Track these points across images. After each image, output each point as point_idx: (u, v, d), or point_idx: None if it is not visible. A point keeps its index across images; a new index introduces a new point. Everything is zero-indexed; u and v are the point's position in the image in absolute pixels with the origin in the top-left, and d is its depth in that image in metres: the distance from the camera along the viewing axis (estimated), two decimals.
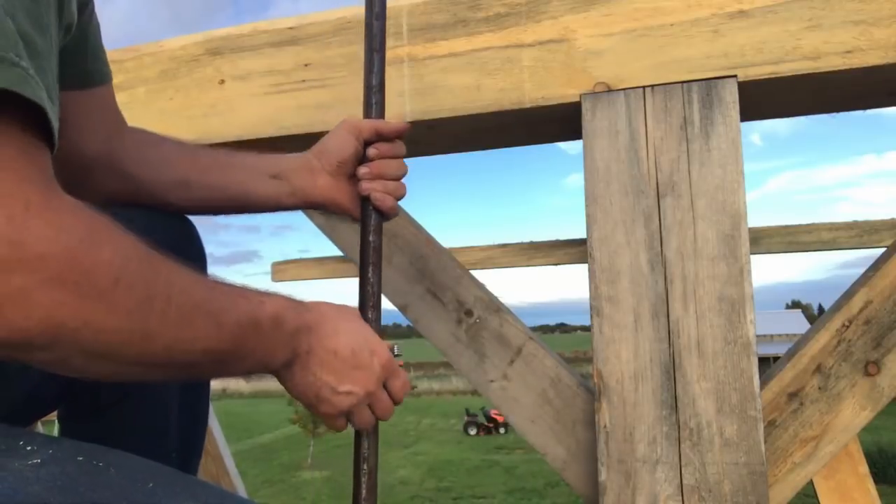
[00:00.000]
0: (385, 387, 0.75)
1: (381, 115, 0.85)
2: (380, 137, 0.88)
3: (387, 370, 0.74)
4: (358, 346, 0.72)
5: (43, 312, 0.45)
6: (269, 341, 0.65)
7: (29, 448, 0.49)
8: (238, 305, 0.61)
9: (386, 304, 0.94)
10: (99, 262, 0.47)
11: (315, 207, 0.94)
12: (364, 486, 0.76)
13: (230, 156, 0.93)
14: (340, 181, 0.91)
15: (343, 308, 0.75)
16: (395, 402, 0.77)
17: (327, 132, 1.13)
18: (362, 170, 0.86)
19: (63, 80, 0.80)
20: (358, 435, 0.77)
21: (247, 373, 0.67)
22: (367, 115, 0.84)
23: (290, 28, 1.16)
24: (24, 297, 0.44)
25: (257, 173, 0.92)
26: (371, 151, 0.86)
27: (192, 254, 0.93)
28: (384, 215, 0.85)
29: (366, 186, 0.85)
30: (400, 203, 0.88)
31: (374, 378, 0.73)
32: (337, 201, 0.91)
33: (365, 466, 0.77)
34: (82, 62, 0.83)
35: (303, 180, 0.91)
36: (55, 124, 0.47)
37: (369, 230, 0.83)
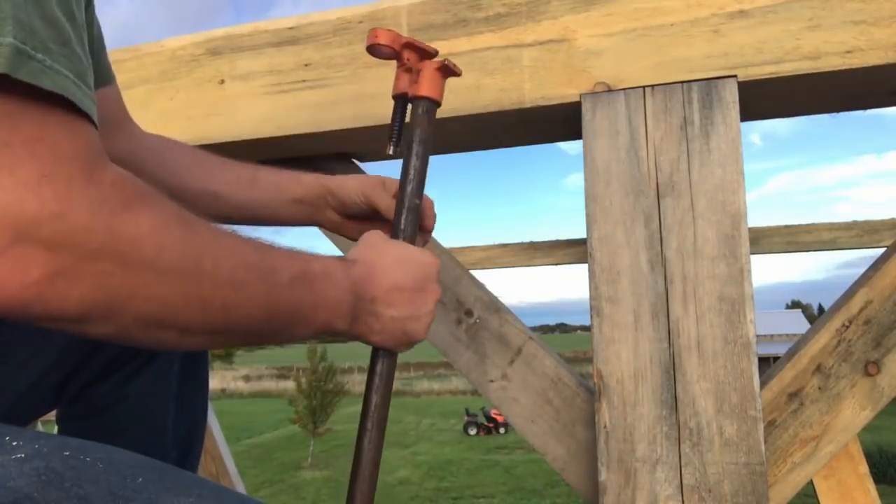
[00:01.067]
0: None
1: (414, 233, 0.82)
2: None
3: (438, 269, 0.77)
4: (412, 269, 0.74)
5: (93, 283, 0.46)
6: (327, 296, 0.65)
7: (15, 443, 0.48)
8: (289, 264, 0.62)
9: None
10: (142, 231, 0.48)
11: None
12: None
13: (255, 172, 0.94)
14: (348, 220, 0.95)
15: (376, 244, 0.76)
16: None
17: (327, 132, 1.13)
18: (427, 221, 0.88)
19: None
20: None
21: (318, 334, 0.67)
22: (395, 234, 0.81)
23: (291, 28, 1.16)
24: (72, 272, 0.45)
25: (282, 197, 0.94)
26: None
27: None
28: None
29: None
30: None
31: (437, 284, 0.76)
32: (344, 233, 0.96)
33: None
34: (96, 60, 0.83)
35: (318, 211, 0.95)
36: (87, 104, 0.48)
37: None
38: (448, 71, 0.84)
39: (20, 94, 0.43)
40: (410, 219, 0.80)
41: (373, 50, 0.82)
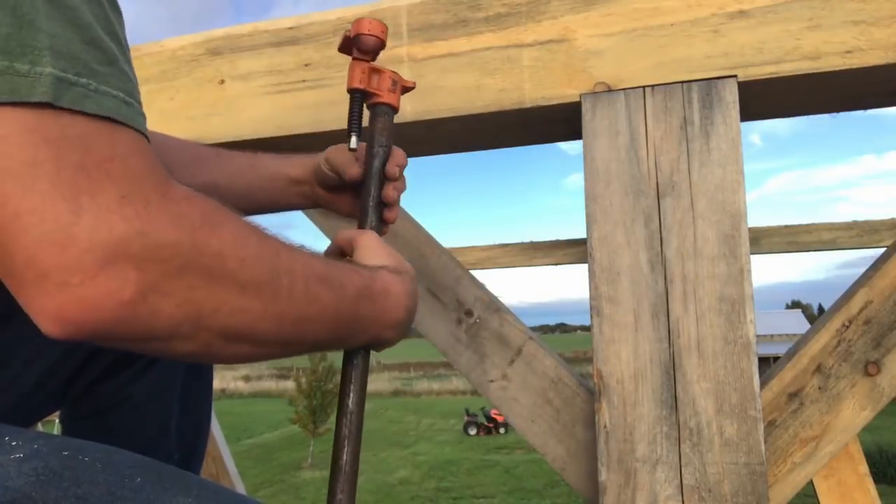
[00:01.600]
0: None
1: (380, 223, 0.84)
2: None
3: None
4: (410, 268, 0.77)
5: (181, 298, 0.46)
6: (385, 315, 0.67)
7: (14, 443, 0.48)
8: (354, 279, 0.63)
9: None
10: (223, 244, 0.49)
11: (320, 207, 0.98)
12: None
13: (252, 159, 0.95)
14: (339, 192, 0.94)
15: (378, 243, 0.76)
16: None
17: (327, 132, 1.13)
18: (388, 214, 0.86)
19: None
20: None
21: (371, 343, 0.69)
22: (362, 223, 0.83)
23: (290, 28, 1.16)
24: (162, 287, 0.45)
25: (280, 179, 0.94)
26: (393, 195, 0.86)
27: None
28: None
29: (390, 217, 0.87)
30: (400, 203, 0.90)
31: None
32: (337, 207, 0.95)
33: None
34: None
35: (314, 189, 0.95)
36: (139, 121, 0.49)
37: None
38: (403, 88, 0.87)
39: (83, 117, 0.44)
40: (375, 215, 0.83)
41: (360, 41, 0.82)
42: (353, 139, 0.83)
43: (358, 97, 0.84)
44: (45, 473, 0.46)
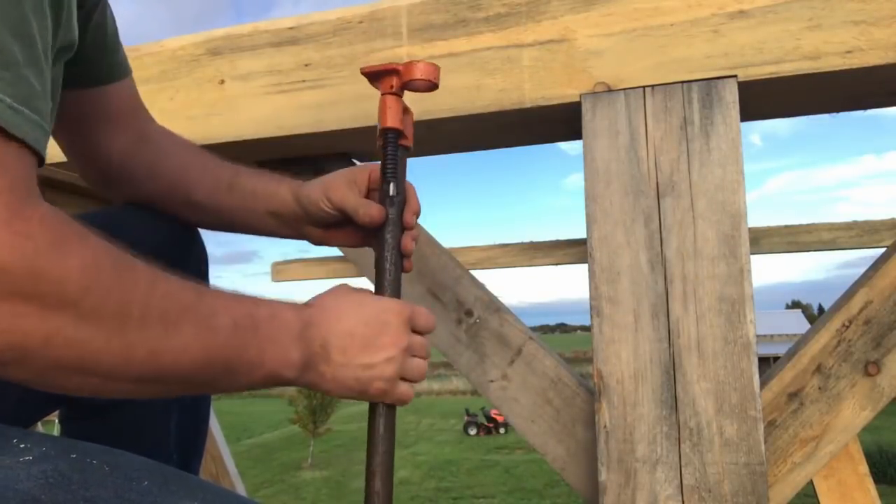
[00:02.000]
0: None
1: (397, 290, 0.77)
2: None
3: (407, 318, 0.72)
4: (369, 315, 0.69)
5: (4, 326, 0.44)
6: (275, 344, 0.62)
7: (22, 445, 0.49)
8: (231, 308, 0.59)
9: None
10: (66, 272, 0.46)
11: None
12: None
13: (234, 177, 0.89)
14: (334, 229, 0.88)
15: (338, 290, 0.72)
16: (425, 334, 0.75)
17: (327, 132, 1.13)
18: (407, 263, 0.82)
19: (79, 78, 0.81)
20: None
21: (265, 384, 0.63)
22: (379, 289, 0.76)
23: (290, 28, 1.16)
24: None
25: (257, 207, 0.89)
26: (411, 246, 0.81)
27: (193, 254, 0.93)
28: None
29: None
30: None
31: (400, 332, 0.70)
32: (328, 243, 0.90)
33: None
34: (99, 59, 0.83)
35: (296, 225, 0.89)
36: (26, 129, 0.46)
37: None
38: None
39: None
40: (396, 270, 0.77)
41: (413, 85, 0.77)
42: (393, 186, 0.77)
43: (393, 137, 0.78)
44: (53, 476, 0.46)
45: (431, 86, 0.77)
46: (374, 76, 0.78)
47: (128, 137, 0.89)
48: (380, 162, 0.80)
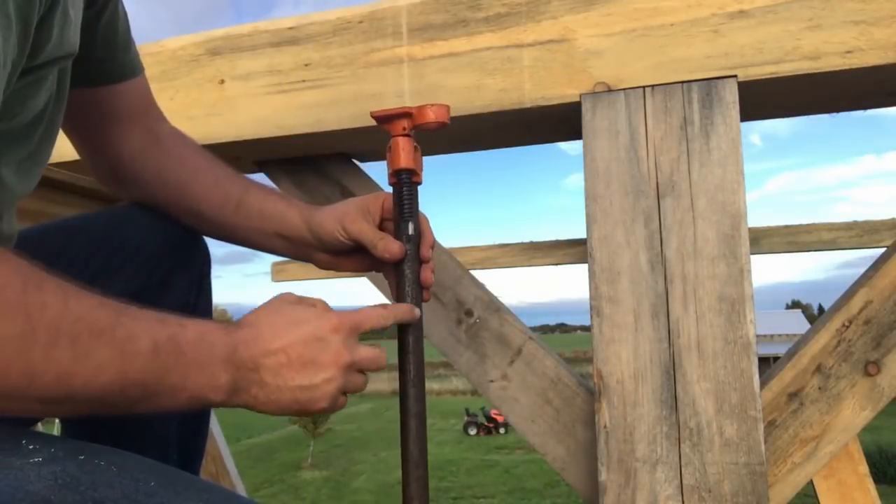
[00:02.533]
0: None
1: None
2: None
3: (349, 330, 0.69)
4: (306, 333, 0.66)
5: None
6: (200, 367, 0.59)
7: (31, 447, 0.49)
8: (153, 330, 0.57)
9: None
10: None
11: None
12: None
13: (243, 195, 0.89)
14: (343, 256, 0.89)
15: (275, 303, 0.70)
16: (370, 366, 0.71)
17: (327, 132, 1.13)
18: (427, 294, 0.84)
19: (90, 76, 0.81)
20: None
21: (189, 406, 0.61)
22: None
23: (290, 28, 1.16)
24: None
25: (264, 228, 0.89)
26: (431, 278, 0.83)
27: (196, 255, 0.93)
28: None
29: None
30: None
31: (341, 350, 0.67)
32: (341, 270, 0.90)
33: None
34: (110, 58, 0.83)
35: (303, 250, 0.89)
36: None
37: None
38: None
39: None
40: (417, 303, 0.80)
41: (425, 127, 0.81)
42: (412, 226, 0.80)
43: (407, 177, 0.81)
44: (63, 478, 0.47)
45: (443, 126, 0.81)
46: (386, 120, 0.82)
47: (139, 137, 0.89)
48: (392, 194, 0.83)
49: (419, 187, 0.83)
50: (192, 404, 0.61)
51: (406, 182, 0.81)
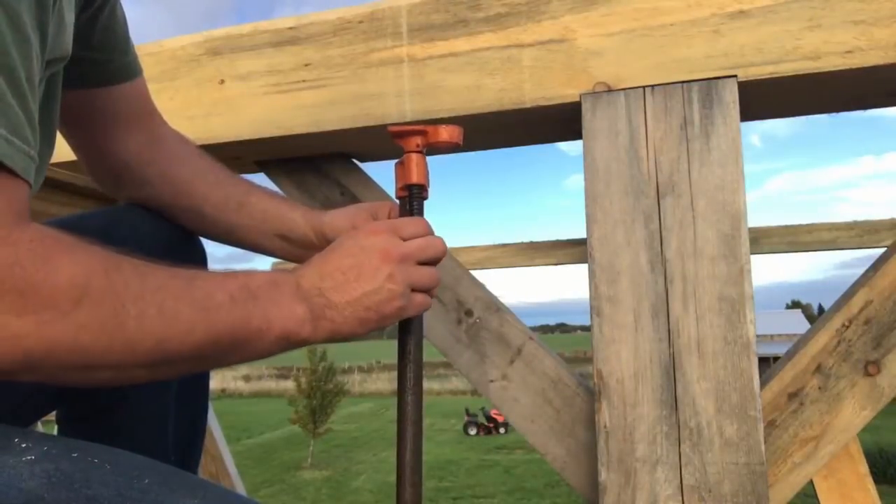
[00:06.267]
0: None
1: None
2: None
3: (388, 232, 0.73)
4: (348, 247, 0.71)
5: (7, 346, 0.46)
6: (276, 306, 0.63)
7: (24, 445, 0.49)
8: (224, 285, 0.61)
9: None
10: (57, 286, 0.48)
11: None
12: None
13: (245, 196, 0.91)
14: None
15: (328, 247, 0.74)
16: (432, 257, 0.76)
17: (327, 132, 1.13)
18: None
19: (87, 78, 0.81)
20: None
21: (282, 346, 0.65)
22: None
23: (290, 28, 1.16)
24: None
25: (266, 228, 0.91)
26: (435, 292, 0.84)
27: (194, 255, 0.93)
28: None
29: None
30: None
31: (388, 248, 0.71)
32: None
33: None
34: (107, 60, 0.83)
35: (307, 250, 0.90)
36: (17, 159, 0.48)
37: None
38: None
39: None
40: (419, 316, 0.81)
41: (438, 147, 0.84)
42: None
43: (418, 192, 0.84)
44: (56, 475, 0.47)
45: (455, 147, 0.85)
46: (401, 135, 0.85)
47: (140, 139, 0.89)
48: (399, 205, 0.86)
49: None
50: (285, 343, 0.65)
51: (416, 196, 0.84)
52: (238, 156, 1.25)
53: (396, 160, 0.87)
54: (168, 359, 0.56)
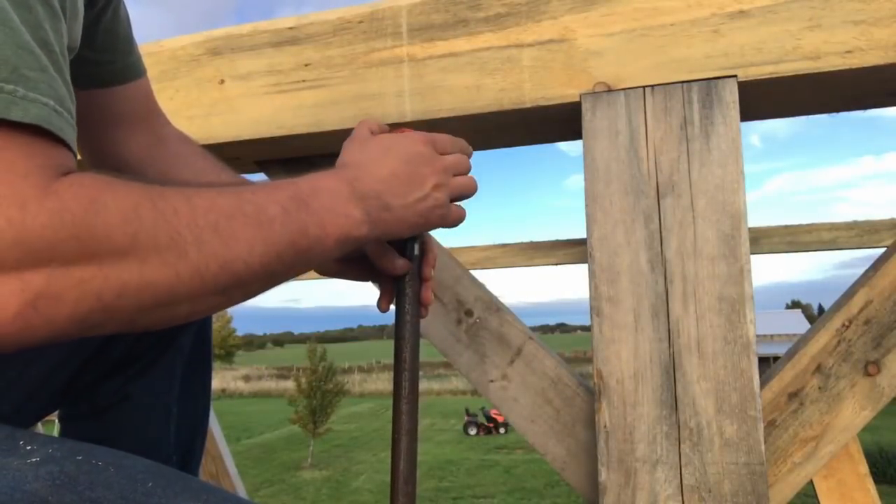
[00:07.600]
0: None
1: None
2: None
3: (430, 144, 0.75)
4: (401, 153, 0.72)
5: (76, 296, 0.45)
6: (331, 211, 0.63)
7: (28, 447, 0.49)
8: (273, 196, 0.60)
9: None
10: (109, 227, 0.47)
11: None
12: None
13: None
14: (340, 263, 0.89)
15: (358, 141, 0.75)
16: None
17: (327, 132, 1.13)
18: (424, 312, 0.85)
19: (91, 78, 0.81)
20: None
21: (345, 249, 0.65)
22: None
23: (290, 28, 1.16)
24: (51, 291, 0.44)
25: None
26: (430, 297, 0.85)
27: None
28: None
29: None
30: None
31: (435, 157, 0.74)
32: (346, 278, 0.91)
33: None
34: (110, 61, 0.83)
35: None
36: (64, 129, 0.48)
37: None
38: None
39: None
40: (413, 321, 0.81)
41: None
42: (417, 246, 0.82)
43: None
44: (60, 478, 0.47)
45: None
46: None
47: (143, 139, 0.89)
48: None
49: None
50: (344, 246, 0.64)
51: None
52: (238, 156, 1.25)
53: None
54: (238, 281, 0.55)
